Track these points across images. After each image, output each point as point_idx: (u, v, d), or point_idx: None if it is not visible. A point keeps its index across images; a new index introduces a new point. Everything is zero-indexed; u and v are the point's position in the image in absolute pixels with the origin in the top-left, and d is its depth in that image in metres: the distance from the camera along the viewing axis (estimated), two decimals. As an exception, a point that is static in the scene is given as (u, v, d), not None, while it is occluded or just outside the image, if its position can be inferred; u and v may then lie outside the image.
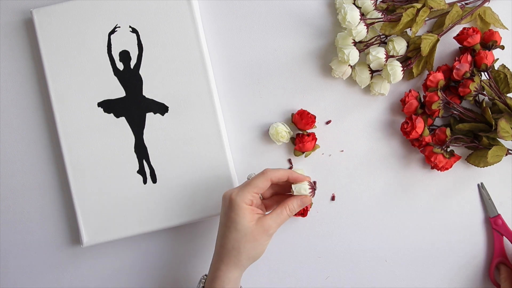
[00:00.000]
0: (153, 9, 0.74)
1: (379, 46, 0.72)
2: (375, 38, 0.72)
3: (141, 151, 0.74)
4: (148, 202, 0.74)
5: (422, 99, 0.72)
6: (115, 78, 0.75)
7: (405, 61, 0.72)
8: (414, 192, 0.75)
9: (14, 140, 0.77)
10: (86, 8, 0.74)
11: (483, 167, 0.70)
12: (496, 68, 0.71)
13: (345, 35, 0.71)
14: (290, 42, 0.75)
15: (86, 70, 0.75)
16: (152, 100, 0.74)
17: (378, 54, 0.70)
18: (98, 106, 0.75)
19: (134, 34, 0.74)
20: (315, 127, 0.74)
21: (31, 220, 0.77)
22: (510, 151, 0.70)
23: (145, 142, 0.74)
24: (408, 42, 0.71)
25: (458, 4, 0.71)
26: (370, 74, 0.72)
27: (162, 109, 0.74)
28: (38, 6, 0.75)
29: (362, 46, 0.71)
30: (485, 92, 0.69)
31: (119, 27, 0.74)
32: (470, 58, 0.70)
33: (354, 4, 0.71)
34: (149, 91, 0.74)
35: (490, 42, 0.70)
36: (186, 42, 0.74)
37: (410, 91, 0.72)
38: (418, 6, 0.70)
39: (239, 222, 0.63)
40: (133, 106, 0.74)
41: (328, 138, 0.75)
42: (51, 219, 0.77)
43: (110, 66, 0.75)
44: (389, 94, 0.74)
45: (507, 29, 0.73)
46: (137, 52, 0.74)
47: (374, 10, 0.70)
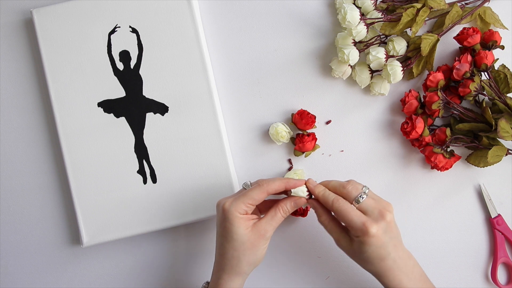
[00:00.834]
0: (153, 9, 0.74)
1: (379, 46, 0.72)
2: (375, 38, 0.72)
3: (141, 151, 0.74)
4: (148, 202, 0.74)
5: (422, 99, 0.72)
6: (115, 78, 0.75)
7: (405, 61, 0.72)
8: (414, 192, 0.75)
9: (14, 140, 0.77)
10: (86, 8, 0.74)
11: (483, 167, 0.70)
12: (496, 68, 0.71)
13: (345, 35, 0.71)
14: (290, 42, 0.75)
15: (86, 70, 0.75)
16: (152, 100, 0.74)
17: (378, 54, 0.70)
18: (98, 106, 0.75)
19: (134, 34, 0.74)
20: (315, 127, 0.74)
21: (31, 220, 0.77)
22: (510, 151, 0.70)
23: (145, 142, 0.74)
24: (408, 42, 0.71)
25: (458, 4, 0.71)
26: (370, 74, 0.72)
27: (162, 109, 0.74)
28: (38, 6, 0.75)
29: (362, 46, 0.71)
30: (485, 92, 0.69)
31: (119, 27, 0.74)
32: (470, 58, 0.70)
33: (354, 4, 0.71)
34: (149, 91, 0.74)
35: (490, 42, 0.70)
36: (186, 42, 0.74)
37: (410, 91, 0.72)
38: (418, 6, 0.70)
39: (235, 231, 0.63)
40: (133, 106, 0.74)
41: (328, 138, 0.75)
42: (51, 219, 0.77)
43: (110, 66, 0.75)
44: (389, 94, 0.74)
45: (507, 29, 0.73)
46: (137, 52, 0.74)
47: (374, 10, 0.70)
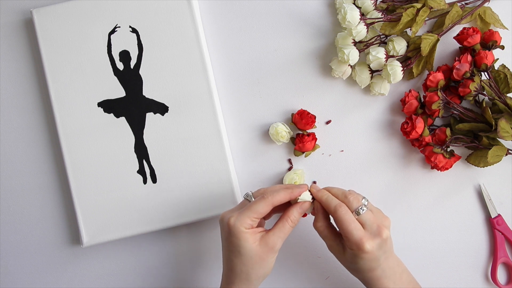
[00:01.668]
0: (153, 9, 0.74)
1: (379, 46, 0.72)
2: (375, 38, 0.72)
3: (141, 151, 0.74)
4: (148, 202, 0.74)
5: (422, 99, 0.72)
6: (115, 78, 0.75)
7: (405, 61, 0.72)
8: (414, 192, 0.75)
9: (14, 140, 0.77)
10: (86, 8, 0.74)
11: (483, 167, 0.70)
12: (496, 68, 0.71)
13: (345, 35, 0.71)
14: (290, 42, 0.75)
15: (86, 70, 0.75)
16: (152, 100, 0.74)
17: (378, 54, 0.70)
18: (98, 106, 0.75)
19: (134, 34, 0.74)
20: (315, 127, 0.74)
21: (31, 220, 0.77)
22: (510, 151, 0.70)
23: (145, 142, 0.74)
24: (408, 42, 0.71)
25: (458, 4, 0.71)
26: (370, 74, 0.72)
27: (162, 109, 0.74)
28: (38, 6, 0.75)
29: (362, 46, 0.71)
30: (485, 92, 0.69)
31: (119, 27, 0.74)
32: (470, 58, 0.70)
33: (354, 4, 0.71)
34: (149, 91, 0.74)
35: (490, 42, 0.70)
36: (186, 42, 0.74)
37: (410, 91, 0.72)
38: (418, 6, 0.70)
39: (243, 246, 0.61)
40: (133, 106, 0.74)
41: (328, 138, 0.75)
42: (51, 219, 0.77)
43: (110, 66, 0.75)
44: (389, 94, 0.74)
45: (507, 29, 0.73)
46: (137, 52, 0.74)
47: (374, 10, 0.70)
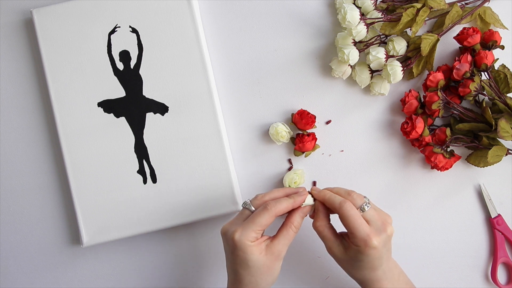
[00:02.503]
0: (153, 9, 0.74)
1: (379, 46, 0.72)
2: (375, 38, 0.72)
3: (141, 151, 0.74)
4: (148, 202, 0.74)
5: (422, 99, 0.72)
6: (115, 78, 0.75)
7: (405, 61, 0.72)
8: (414, 192, 0.75)
9: (14, 140, 0.77)
10: (86, 8, 0.74)
11: (483, 167, 0.70)
12: (496, 68, 0.71)
13: (345, 35, 0.71)
14: (290, 42, 0.75)
15: (86, 70, 0.75)
16: (152, 100, 0.74)
17: (378, 54, 0.70)
18: (98, 106, 0.75)
19: (134, 34, 0.74)
20: (315, 127, 0.74)
21: (31, 220, 0.77)
22: (510, 151, 0.70)
23: (145, 142, 0.74)
24: (408, 42, 0.71)
25: (458, 4, 0.71)
26: (370, 74, 0.72)
27: (162, 109, 0.74)
28: (38, 6, 0.75)
29: (362, 46, 0.71)
30: (485, 92, 0.69)
31: (119, 27, 0.74)
32: (470, 58, 0.70)
33: (354, 4, 0.71)
34: (149, 91, 0.74)
35: (490, 42, 0.70)
36: (186, 42, 0.74)
37: (410, 91, 0.72)
38: (418, 6, 0.70)
39: (249, 259, 0.61)
40: (133, 106, 0.74)
41: (328, 138, 0.75)
42: (51, 219, 0.77)
43: (110, 66, 0.75)
44: (389, 94, 0.74)
45: (507, 29, 0.73)
46: (137, 52, 0.74)
47: (374, 10, 0.70)
